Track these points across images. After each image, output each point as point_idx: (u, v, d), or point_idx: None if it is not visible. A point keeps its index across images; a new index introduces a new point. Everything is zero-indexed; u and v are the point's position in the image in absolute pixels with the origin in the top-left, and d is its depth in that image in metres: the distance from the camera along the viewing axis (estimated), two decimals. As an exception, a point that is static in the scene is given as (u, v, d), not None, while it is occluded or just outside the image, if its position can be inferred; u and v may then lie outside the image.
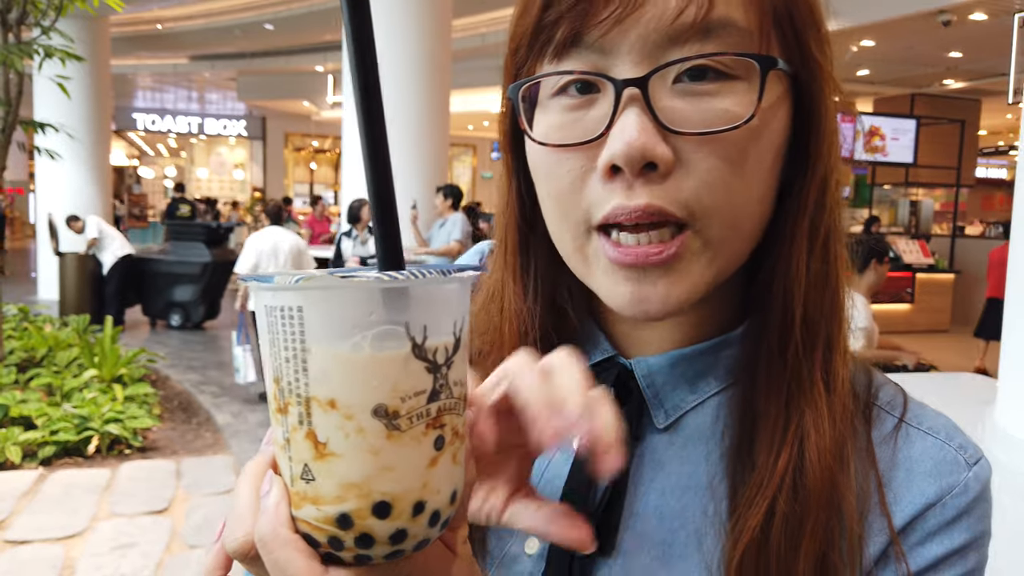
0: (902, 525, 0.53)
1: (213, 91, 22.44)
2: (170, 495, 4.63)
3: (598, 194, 0.51)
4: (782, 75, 0.52)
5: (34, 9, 5.89)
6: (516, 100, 0.55)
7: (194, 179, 27.32)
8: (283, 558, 0.37)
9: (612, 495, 0.57)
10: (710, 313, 0.59)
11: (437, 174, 7.76)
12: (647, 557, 0.56)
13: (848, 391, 0.55)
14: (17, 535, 4.05)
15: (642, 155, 0.48)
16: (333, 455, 0.36)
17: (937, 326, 11.01)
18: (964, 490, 0.54)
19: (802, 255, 0.54)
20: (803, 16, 0.53)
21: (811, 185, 0.54)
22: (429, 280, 0.36)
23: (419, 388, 0.36)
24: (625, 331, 0.61)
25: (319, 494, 0.36)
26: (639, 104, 0.49)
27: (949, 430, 0.57)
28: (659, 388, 0.59)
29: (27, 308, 8.30)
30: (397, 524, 0.36)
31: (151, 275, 9.99)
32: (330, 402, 0.35)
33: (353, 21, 0.37)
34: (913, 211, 13.59)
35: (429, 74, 7.48)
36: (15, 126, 5.89)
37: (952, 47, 10.59)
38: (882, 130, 10.56)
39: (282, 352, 0.36)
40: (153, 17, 14.43)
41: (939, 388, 3.71)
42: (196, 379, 7.42)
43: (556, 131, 0.53)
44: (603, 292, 0.54)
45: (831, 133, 0.55)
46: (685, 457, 0.58)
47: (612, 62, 0.50)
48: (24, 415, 5.25)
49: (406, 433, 0.36)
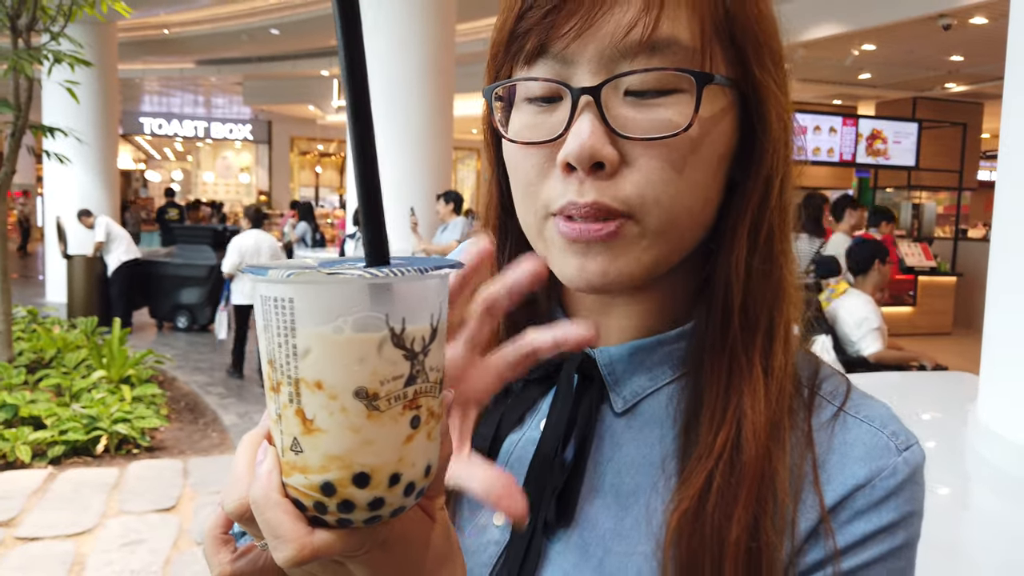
0: (832, 504, 0.57)
1: (219, 95, 22.48)
2: (177, 493, 4.69)
3: (556, 187, 0.57)
4: (724, 90, 0.57)
5: (44, 15, 5.94)
6: (491, 101, 0.62)
7: (200, 183, 27.42)
8: (273, 519, 0.41)
9: (572, 472, 0.62)
10: (666, 306, 0.64)
11: (441, 178, 7.79)
12: (602, 529, 0.60)
13: (787, 376, 0.60)
14: (28, 532, 4.11)
15: (591, 155, 0.54)
16: (319, 430, 0.39)
17: (939, 329, 11.01)
18: (893, 473, 0.58)
19: (742, 251, 0.59)
20: (743, 33, 0.57)
21: (754, 187, 0.60)
22: (408, 277, 0.39)
23: (397, 373, 0.39)
24: (584, 319, 0.67)
25: (306, 464, 0.40)
26: (592, 110, 0.55)
27: (885, 419, 0.61)
28: (619, 376, 0.64)
29: (36, 310, 8.35)
30: (375, 493, 0.40)
31: (158, 278, 10.05)
32: (317, 383, 0.39)
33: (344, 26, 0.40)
34: (915, 214, 13.58)
35: (433, 79, 7.51)
36: (24, 130, 5.92)
37: (953, 51, 10.60)
38: (884, 133, 10.54)
39: (275, 337, 0.40)
40: (160, 22, 14.51)
41: (923, 385, 3.71)
42: (203, 380, 7.48)
43: (525, 130, 0.59)
44: (556, 267, 0.59)
45: (775, 140, 0.59)
46: (641, 439, 0.62)
47: (572, 71, 0.56)
48: (34, 415, 5.31)
49: (384, 413, 0.39)
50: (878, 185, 13.76)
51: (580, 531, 0.61)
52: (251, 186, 26.73)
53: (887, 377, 3.87)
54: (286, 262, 0.42)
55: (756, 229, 0.60)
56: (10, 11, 5.81)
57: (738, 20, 0.57)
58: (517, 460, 0.64)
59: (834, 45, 10.02)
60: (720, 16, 0.56)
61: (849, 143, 10.25)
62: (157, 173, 29.02)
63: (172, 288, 10.07)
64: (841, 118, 10.43)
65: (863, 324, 4.54)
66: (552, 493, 0.61)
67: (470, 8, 9.41)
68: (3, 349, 6.14)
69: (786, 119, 0.60)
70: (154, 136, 24.86)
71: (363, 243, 0.43)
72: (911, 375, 4.17)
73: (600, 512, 0.61)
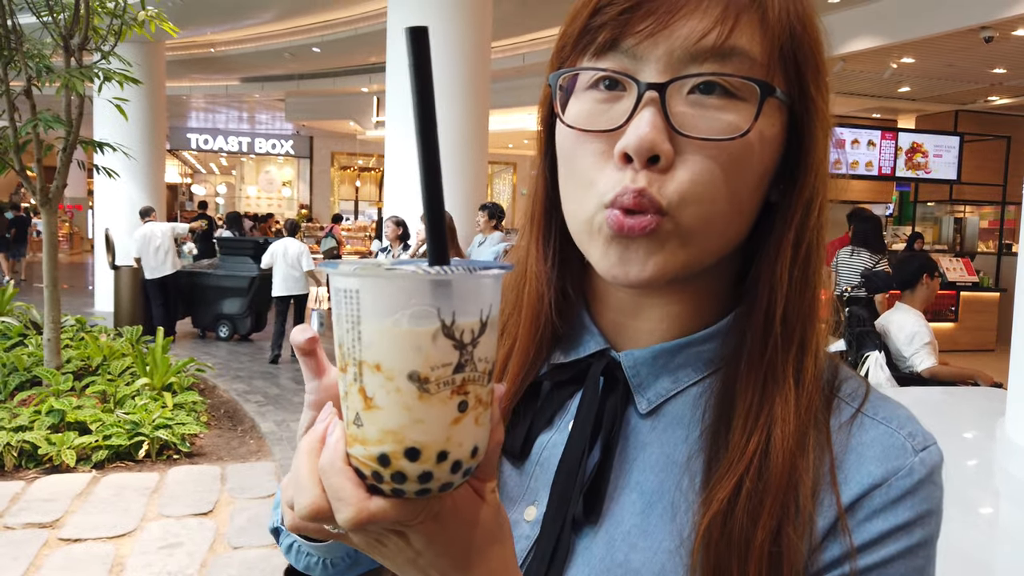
0: (849, 502, 0.58)
1: (262, 112, 22.87)
2: (215, 498, 4.78)
3: (612, 176, 0.58)
4: (780, 106, 0.60)
5: (95, 35, 6.13)
6: (555, 87, 0.63)
7: (243, 196, 27.92)
8: (337, 483, 0.45)
9: (599, 471, 0.64)
10: (693, 310, 0.66)
11: (477, 191, 7.85)
12: (627, 525, 0.62)
13: (815, 388, 0.62)
14: (71, 534, 4.22)
15: (650, 147, 0.56)
16: (377, 407, 0.44)
17: (983, 345, 10.74)
18: (909, 472, 0.59)
19: (786, 261, 0.61)
20: (805, 56, 0.60)
21: (797, 205, 0.62)
22: (460, 275, 0.43)
23: (446, 361, 0.43)
24: (614, 323, 0.69)
25: (366, 437, 0.45)
26: (656, 105, 0.57)
27: (902, 420, 0.62)
28: (643, 378, 0.66)
29: (84, 319, 8.52)
30: (424, 467, 0.44)
31: (201, 288, 10.26)
32: (376, 365, 0.43)
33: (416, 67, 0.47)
34: (957, 228, 13.31)
35: (469, 94, 7.58)
36: (76, 145, 6.08)
37: (996, 63, 10.38)
38: (924, 147, 10.38)
39: (344, 324, 0.45)
40: (207, 41, 14.86)
41: (953, 400, 3.64)
42: (242, 388, 7.61)
43: (585, 118, 0.60)
44: (596, 257, 0.61)
45: (819, 163, 0.62)
46: (665, 440, 0.64)
47: (640, 67, 0.58)
48: (79, 420, 5.44)
49: (434, 396, 0.43)
50: (918, 199, 13.51)
51: (607, 527, 0.63)
52: (293, 200, 27.15)
53: (914, 392, 3.80)
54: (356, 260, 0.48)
55: (798, 244, 0.62)
56: (63, 31, 5.99)
57: (803, 43, 0.60)
58: (547, 460, 0.67)
59: (872, 58, 9.89)
60: (786, 37, 0.58)
61: (888, 157, 10.11)
62: (202, 187, 29.65)
63: (214, 298, 10.27)
64: (880, 132, 10.29)
65: (915, 340, 4.44)
66: (580, 491, 0.63)
67: (506, 25, 9.49)
68: (52, 356, 6.31)
69: (828, 142, 0.63)
70: (200, 151, 25.32)
71: (427, 247, 0.48)
72: (938, 390, 4.08)
73: (626, 509, 0.63)
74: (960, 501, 2.20)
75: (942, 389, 4.15)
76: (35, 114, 5.85)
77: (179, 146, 24.39)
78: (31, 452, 5.12)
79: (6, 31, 5.82)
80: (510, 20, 9.06)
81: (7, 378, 6.19)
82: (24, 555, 3.95)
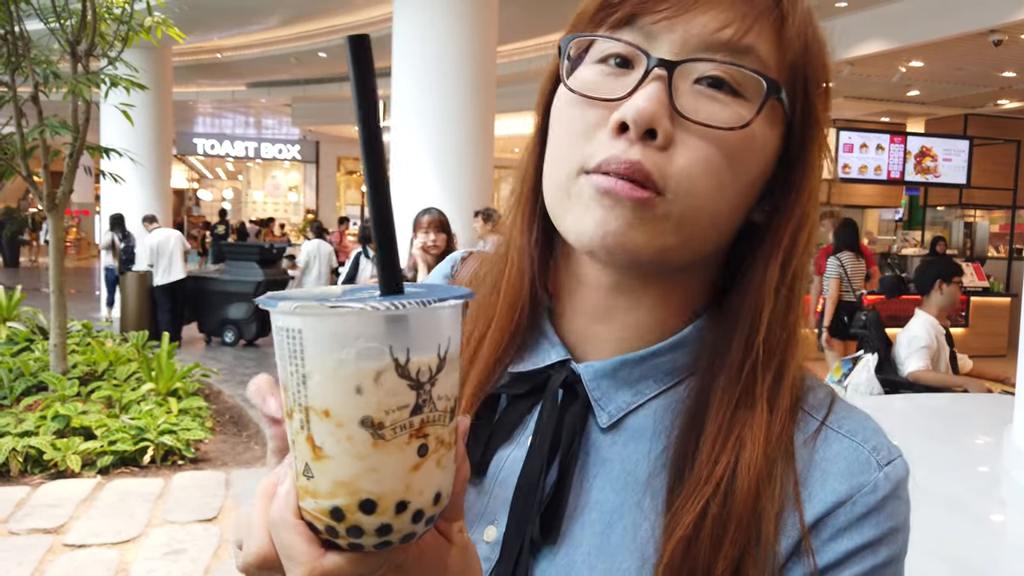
0: (813, 521, 0.57)
1: (269, 116, 22.98)
2: (219, 504, 4.77)
3: (602, 144, 0.57)
4: (781, 114, 0.59)
5: (102, 41, 6.14)
6: (564, 51, 0.62)
7: (250, 201, 28.02)
8: (287, 539, 0.43)
9: (557, 490, 0.62)
10: (657, 319, 0.64)
11: (482, 197, 7.84)
12: (587, 546, 0.60)
13: (790, 417, 0.60)
14: (76, 539, 4.21)
15: (649, 119, 0.55)
16: (327, 457, 0.40)
17: (993, 351, 10.66)
18: (874, 489, 0.57)
19: (772, 285, 0.60)
20: (816, 74, 0.60)
21: (787, 226, 0.61)
22: (412, 309, 0.39)
23: (402, 403, 0.40)
24: (578, 331, 0.66)
25: (317, 489, 0.41)
26: (662, 81, 0.56)
27: (867, 433, 0.60)
28: (603, 391, 0.64)
29: (90, 324, 8.54)
30: (382, 519, 0.41)
31: (207, 294, 10.29)
32: (324, 411, 0.40)
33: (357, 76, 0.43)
34: (968, 233, 13.24)
35: (474, 98, 7.57)
36: (82, 151, 6.09)
37: (1005, 67, 10.34)
38: (933, 151, 10.34)
39: (287, 366, 0.41)
40: (213, 47, 14.93)
41: (958, 406, 3.60)
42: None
43: (588, 86, 0.59)
44: (573, 223, 0.59)
45: (813, 186, 0.61)
46: (626, 455, 0.62)
47: (653, 45, 0.57)
48: (84, 426, 5.43)
49: (390, 442, 0.40)
50: (928, 203, 13.45)
51: (566, 549, 0.61)
52: (299, 204, 27.23)
53: (920, 399, 3.77)
54: (300, 292, 0.44)
55: (785, 267, 0.61)
56: (70, 38, 6.01)
57: (816, 63, 0.60)
58: (506, 477, 0.64)
59: (881, 61, 9.86)
60: (800, 52, 0.58)
61: (897, 161, 10.07)
62: (209, 192, 29.75)
63: (220, 303, 10.29)
64: (889, 135, 10.26)
65: (912, 343, 4.45)
66: (537, 511, 0.61)
67: (512, 30, 9.50)
68: (58, 362, 6.31)
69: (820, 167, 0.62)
70: (206, 156, 25.46)
71: (377, 275, 0.44)
72: (945, 397, 4.04)
73: (585, 529, 0.61)
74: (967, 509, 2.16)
75: (949, 396, 4.13)
76: (42, 120, 5.86)
77: (186, 151, 24.50)
78: (36, 457, 5.12)
79: (13, 37, 5.84)
80: (516, 24, 9.07)
81: (13, 383, 6.19)
82: (29, 561, 3.94)
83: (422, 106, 7.28)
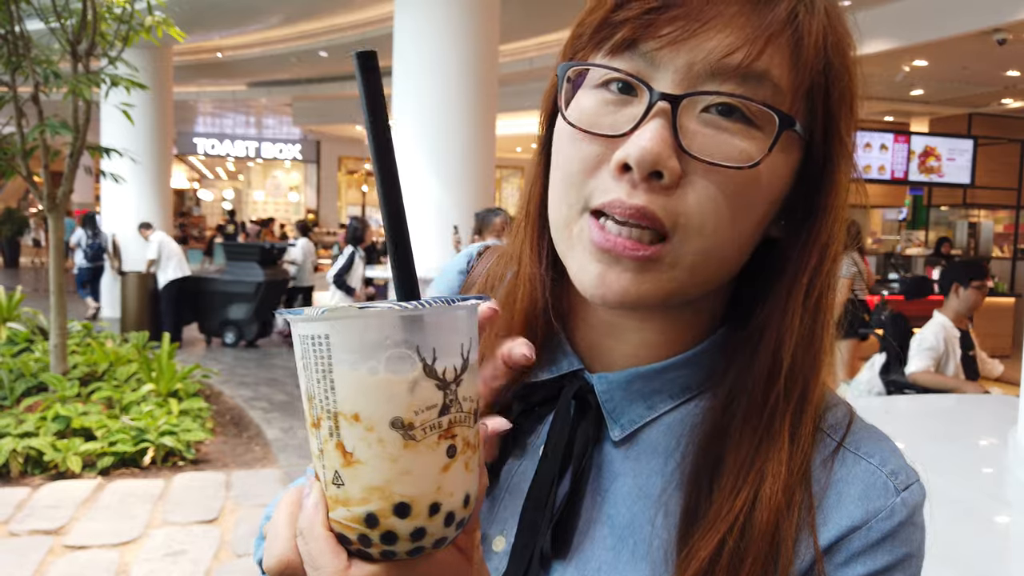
0: (827, 545, 0.56)
1: (269, 116, 23.00)
2: (220, 505, 4.75)
3: (604, 183, 0.54)
4: (798, 141, 0.56)
5: (102, 41, 6.14)
6: (562, 78, 0.59)
7: (251, 201, 28.04)
8: (315, 550, 0.42)
9: (568, 503, 0.60)
10: (673, 336, 0.62)
11: (484, 196, 7.82)
12: (597, 561, 0.59)
13: (810, 444, 0.58)
14: (76, 541, 4.20)
15: (653, 162, 0.52)
16: (358, 462, 0.41)
17: (998, 351, 10.56)
18: (890, 514, 0.56)
19: (796, 311, 0.57)
20: (840, 95, 0.56)
21: (813, 248, 0.58)
22: (436, 309, 0.40)
23: (431, 403, 0.41)
24: (591, 342, 0.65)
25: (348, 496, 0.41)
26: (666, 117, 0.52)
27: (885, 455, 0.59)
28: (617, 403, 0.62)
29: (90, 325, 8.54)
30: (416, 523, 0.41)
31: (208, 294, 10.27)
32: (354, 416, 0.40)
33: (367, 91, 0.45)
34: (972, 233, 13.21)
35: (476, 98, 7.55)
36: (83, 151, 6.09)
37: (1009, 66, 10.31)
38: (937, 150, 10.31)
39: (314, 374, 0.41)
40: (214, 46, 14.92)
41: (963, 408, 3.59)
42: (248, 395, 7.59)
43: (588, 117, 0.56)
44: (575, 269, 0.57)
45: (839, 207, 0.58)
46: (639, 470, 0.61)
47: (656, 74, 0.54)
48: (85, 427, 5.43)
49: (420, 443, 0.40)
50: (932, 203, 13.43)
51: (576, 564, 0.59)
52: (300, 204, 27.24)
53: (927, 400, 3.76)
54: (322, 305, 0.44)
55: (810, 291, 0.58)
56: (71, 37, 6.01)
57: (840, 79, 0.56)
58: (516, 486, 0.63)
59: (885, 61, 9.83)
60: (820, 69, 0.54)
61: (901, 160, 10.04)
62: (210, 192, 29.77)
63: (220, 304, 10.27)
64: (893, 135, 10.23)
65: (920, 343, 4.48)
66: (548, 524, 0.60)
67: (514, 29, 9.48)
68: (58, 362, 6.30)
69: (846, 188, 0.59)
70: (207, 156, 25.48)
71: (394, 284, 0.45)
72: (951, 398, 4.04)
73: (596, 545, 0.60)
74: (972, 511, 2.16)
75: (954, 397, 4.15)
76: (42, 120, 5.85)
77: (186, 151, 24.53)
78: (37, 458, 5.12)
79: (14, 37, 5.83)
80: (518, 23, 9.05)
81: (13, 384, 6.18)
82: (29, 562, 3.93)
83: (423, 105, 7.26)
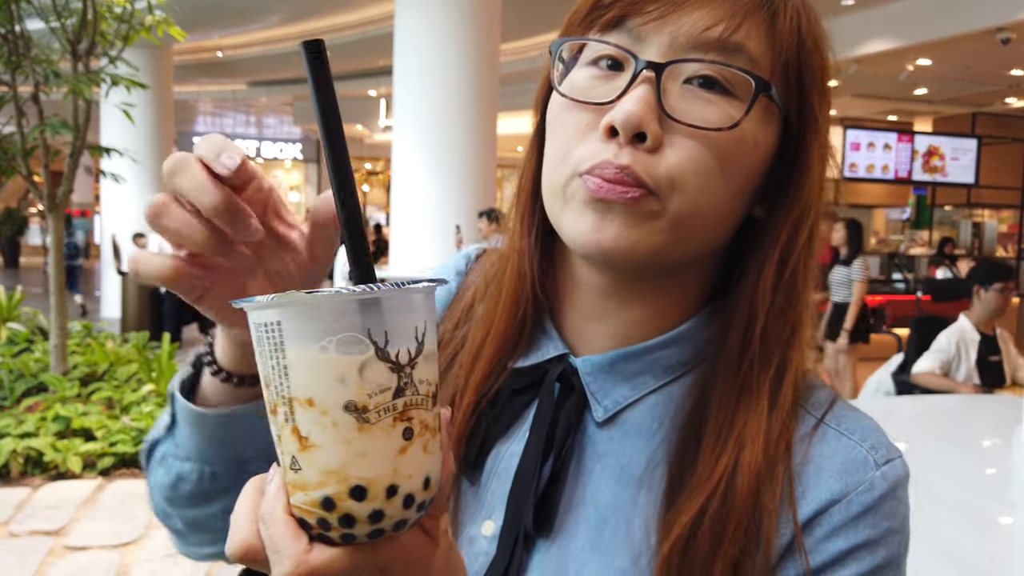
0: (806, 519, 0.57)
1: (270, 116, 23.05)
2: (221, 507, 4.76)
3: (594, 147, 0.58)
4: (776, 114, 0.60)
5: (103, 40, 6.13)
6: (555, 56, 0.63)
7: (252, 201, 28.05)
8: (275, 535, 0.42)
9: (552, 483, 0.62)
10: (658, 315, 0.64)
11: (485, 196, 7.81)
12: (581, 541, 0.60)
13: (792, 416, 0.60)
14: (76, 541, 4.20)
15: (637, 123, 0.55)
16: (314, 446, 0.41)
17: (1000, 351, 10.63)
18: (870, 487, 0.57)
19: (768, 281, 0.60)
20: (812, 74, 0.60)
21: (785, 223, 0.61)
22: (388, 292, 0.41)
23: (384, 386, 0.40)
24: (575, 325, 0.67)
25: (305, 481, 0.41)
26: (651, 84, 0.56)
27: (865, 432, 0.60)
28: (600, 385, 0.64)
29: (90, 325, 8.55)
30: (373, 505, 0.41)
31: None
32: (308, 401, 0.40)
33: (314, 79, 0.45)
34: (976, 232, 13.20)
35: (477, 97, 7.55)
36: (82, 151, 6.08)
37: (1013, 65, 10.31)
38: (941, 150, 10.29)
39: (268, 360, 0.42)
40: (214, 45, 14.93)
41: (967, 407, 3.58)
42: (249, 395, 7.59)
43: (579, 90, 0.60)
44: (569, 225, 0.60)
45: (812, 182, 0.61)
46: (622, 450, 0.63)
47: (642, 47, 0.58)
48: (85, 427, 5.43)
49: (375, 425, 0.40)
50: (935, 203, 13.41)
51: (560, 543, 0.61)
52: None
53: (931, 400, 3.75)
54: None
55: (783, 263, 0.61)
56: (71, 37, 6.00)
57: (812, 59, 0.60)
58: (503, 471, 0.65)
59: (888, 60, 9.82)
60: (794, 48, 0.59)
61: (905, 160, 10.03)
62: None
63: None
64: (896, 134, 10.23)
65: (933, 345, 4.46)
66: (530, 505, 0.61)
67: (515, 28, 9.47)
68: (59, 363, 6.30)
69: (824, 164, 0.62)
70: (208, 156, 25.46)
71: (349, 266, 0.45)
72: (955, 398, 4.04)
73: (580, 524, 0.61)
74: (976, 511, 2.17)
75: (958, 397, 4.15)
76: (42, 119, 5.85)
77: (187, 151, 24.45)
78: (37, 459, 5.11)
79: (14, 37, 5.82)
80: (519, 23, 9.04)
81: (13, 384, 6.18)
82: (30, 563, 3.92)
83: (424, 105, 7.25)
